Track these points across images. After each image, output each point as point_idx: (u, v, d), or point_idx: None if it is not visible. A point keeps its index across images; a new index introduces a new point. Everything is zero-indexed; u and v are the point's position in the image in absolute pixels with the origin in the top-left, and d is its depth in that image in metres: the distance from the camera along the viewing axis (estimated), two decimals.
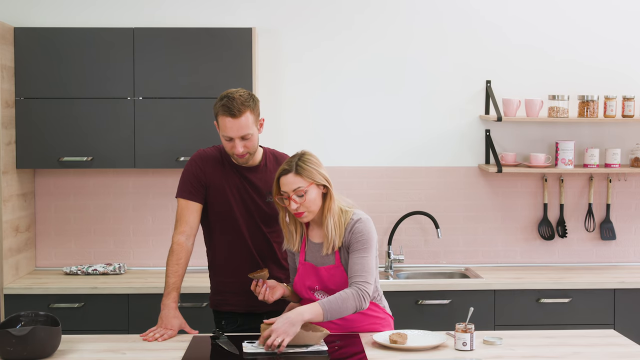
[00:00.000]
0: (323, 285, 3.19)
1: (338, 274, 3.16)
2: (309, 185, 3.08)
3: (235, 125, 3.25)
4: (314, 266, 3.20)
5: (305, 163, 3.10)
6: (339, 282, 3.16)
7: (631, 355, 3.02)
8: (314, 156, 3.16)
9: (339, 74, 4.88)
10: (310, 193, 3.09)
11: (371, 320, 3.26)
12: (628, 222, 4.98)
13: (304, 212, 3.11)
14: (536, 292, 4.45)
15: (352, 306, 3.04)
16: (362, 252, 3.11)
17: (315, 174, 3.10)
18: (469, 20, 4.90)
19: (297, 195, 3.08)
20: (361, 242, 3.11)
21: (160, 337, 3.23)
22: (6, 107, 4.37)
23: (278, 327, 2.93)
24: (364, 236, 3.12)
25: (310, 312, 2.99)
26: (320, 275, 3.18)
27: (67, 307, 4.31)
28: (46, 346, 2.93)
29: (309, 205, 3.10)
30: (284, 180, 3.10)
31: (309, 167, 3.10)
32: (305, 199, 3.08)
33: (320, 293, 3.21)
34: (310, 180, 3.09)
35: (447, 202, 4.92)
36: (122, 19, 4.77)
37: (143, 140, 4.51)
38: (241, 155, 3.33)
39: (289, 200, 3.10)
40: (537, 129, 4.93)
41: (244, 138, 3.29)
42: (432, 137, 4.92)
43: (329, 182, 3.13)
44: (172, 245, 3.38)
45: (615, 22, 4.93)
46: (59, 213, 4.84)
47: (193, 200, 3.41)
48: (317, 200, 3.12)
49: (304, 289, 3.24)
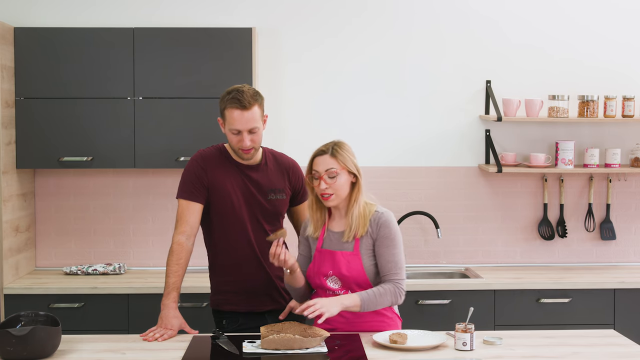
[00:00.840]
0: (337, 271, 3.22)
1: (354, 261, 3.21)
2: (341, 169, 3.18)
3: (245, 118, 3.29)
4: (331, 251, 3.25)
5: (341, 148, 3.22)
6: (353, 269, 3.20)
7: (631, 355, 3.02)
8: (349, 146, 3.27)
9: (339, 74, 4.89)
10: (341, 177, 3.19)
11: (380, 319, 3.27)
12: (628, 222, 4.98)
13: (332, 194, 3.19)
14: (536, 292, 4.45)
15: (388, 301, 3.17)
16: (392, 247, 3.20)
17: (349, 161, 3.20)
18: (469, 20, 4.90)
19: (328, 176, 3.18)
20: (390, 238, 3.21)
21: (160, 337, 3.23)
22: (6, 107, 4.37)
23: (322, 301, 3.06)
24: (393, 231, 3.22)
25: (349, 300, 3.12)
26: (337, 261, 3.23)
27: (67, 307, 4.31)
28: (46, 346, 2.93)
29: (337, 188, 3.18)
30: (319, 160, 3.20)
31: (344, 153, 3.21)
32: (335, 181, 3.17)
33: (332, 280, 3.24)
34: (343, 164, 3.19)
35: (447, 202, 4.93)
36: (122, 19, 4.77)
37: (143, 140, 4.51)
38: (247, 150, 3.34)
39: (319, 180, 3.18)
40: (537, 129, 4.93)
41: (251, 132, 3.32)
42: (432, 137, 4.92)
43: (359, 172, 3.23)
44: (172, 245, 3.38)
45: (615, 21, 4.93)
46: (59, 213, 4.84)
47: (194, 200, 3.41)
48: (345, 186, 3.20)
49: (317, 275, 3.26)
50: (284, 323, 3.12)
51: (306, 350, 2.99)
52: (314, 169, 3.21)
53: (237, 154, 3.41)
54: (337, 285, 3.24)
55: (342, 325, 3.27)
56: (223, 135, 3.45)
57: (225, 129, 3.37)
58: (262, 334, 3.02)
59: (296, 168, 3.61)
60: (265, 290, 3.50)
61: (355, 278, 3.21)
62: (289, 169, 3.57)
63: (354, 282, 3.21)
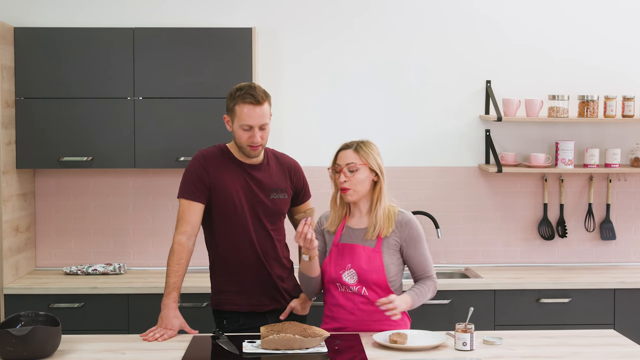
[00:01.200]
0: (356, 264, 3.26)
1: (375, 257, 3.26)
2: (362, 164, 3.24)
3: (257, 113, 3.32)
4: (351, 245, 3.29)
5: (365, 146, 3.30)
6: (373, 265, 3.25)
7: (631, 355, 3.02)
8: (376, 146, 3.34)
9: (340, 74, 4.88)
10: (361, 172, 3.25)
11: (390, 318, 3.27)
12: (628, 222, 4.98)
13: (350, 189, 3.24)
14: (536, 292, 4.45)
15: (429, 297, 3.35)
16: (421, 247, 3.32)
17: (372, 158, 3.28)
18: (469, 20, 4.90)
19: (348, 170, 3.24)
20: (419, 239, 3.32)
21: (160, 337, 3.23)
22: (6, 107, 4.37)
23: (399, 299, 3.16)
24: (420, 230, 3.33)
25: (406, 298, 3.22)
26: (357, 254, 3.27)
27: (67, 307, 4.31)
28: (46, 346, 2.93)
29: (356, 183, 3.24)
30: (342, 154, 3.29)
31: (367, 150, 3.28)
32: (354, 175, 3.23)
33: (349, 274, 3.26)
34: (365, 160, 3.26)
35: (447, 202, 4.93)
36: (122, 19, 4.78)
37: (143, 140, 4.51)
38: (256, 147, 3.36)
39: (339, 173, 3.25)
40: (537, 129, 4.93)
41: (261, 128, 3.35)
42: (432, 137, 4.92)
43: (382, 171, 3.29)
44: (173, 245, 3.38)
45: (615, 21, 4.93)
46: (59, 213, 4.84)
47: (195, 200, 3.40)
48: (366, 183, 3.27)
49: (334, 268, 3.28)
50: (284, 323, 3.12)
51: (306, 350, 2.99)
52: (336, 163, 3.30)
53: (244, 151, 3.40)
54: (352, 281, 3.26)
55: (352, 324, 3.28)
56: (223, 135, 3.45)
57: (234, 126, 3.37)
58: (262, 334, 3.02)
59: (297, 168, 3.61)
60: (266, 290, 3.50)
61: (373, 273, 3.24)
62: (291, 169, 3.58)
63: (371, 278, 3.24)
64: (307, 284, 3.34)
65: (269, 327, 3.07)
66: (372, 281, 3.24)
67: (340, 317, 3.26)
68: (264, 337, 3.00)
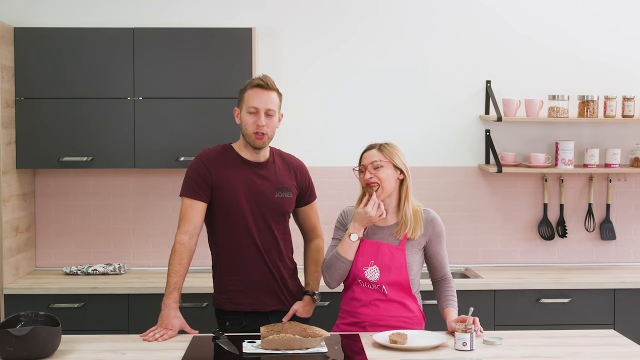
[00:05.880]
0: (380, 261, 3.32)
1: (398, 255, 3.33)
2: (386, 162, 3.34)
3: (265, 96, 3.37)
4: (375, 242, 3.34)
5: (389, 145, 3.40)
6: (397, 261, 3.31)
7: (631, 355, 3.02)
8: (398, 148, 3.43)
9: (340, 74, 4.88)
10: (386, 169, 3.34)
11: (406, 315, 3.34)
12: (628, 222, 4.99)
13: (376, 182, 3.34)
14: (536, 292, 4.45)
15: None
16: (443, 243, 3.44)
17: (395, 156, 3.37)
18: (469, 20, 4.90)
19: (372, 167, 3.33)
20: (442, 235, 3.43)
21: (160, 337, 3.22)
22: (6, 107, 4.37)
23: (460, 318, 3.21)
24: (443, 228, 3.45)
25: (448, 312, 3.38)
26: (381, 251, 3.33)
27: (67, 307, 4.31)
28: (46, 346, 2.93)
29: (382, 179, 3.33)
30: (366, 155, 3.40)
31: (390, 149, 3.39)
32: (379, 171, 3.32)
33: (372, 270, 3.31)
34: (389, 159, 3.35)
35: (447, 202, 4.92)
36: (122, 19, 4.78)
37: (143, 140, 4.51)
38: (261, 135, 3.36)
39: (365, 171, 3.35)
40: (537, 129, 4.93)
41: (267, 114, 3.37)
42: (432, 137, 4.92)
43: (407, 170, 3.39)
44: (175, 244, 3.37)
45: (615, 21, 4.93)
46: (59, 213, 4.84)
47: (198, 199, 3.40)
48: (391, 179, 3.35)
49: (357, 264, 3.33)
50: (284, 323, 3.12)
51: (306, 350, 2.99)
52: (361, 163, 3.39)
53: (250, 140, 3.40)
54: (374, 278, 3.31)
55: (370, 319, 3.33)
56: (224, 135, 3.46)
57: (242, 114, 3.40)
58: (262, 334, 3.02)
59: (303, 168, 3.61)
60: (269, 289, 3.48)
61: (395, 271, 3.30)
62: (296, 168, 3.58)
63: (393, 276, 3.29)
64: (340, 268, 3.35)
65: (269, 327, 3.07)
66: (394, 279, 3.30)
67: (358, 312, 3.31)
68: (264, 337, 3.00)
